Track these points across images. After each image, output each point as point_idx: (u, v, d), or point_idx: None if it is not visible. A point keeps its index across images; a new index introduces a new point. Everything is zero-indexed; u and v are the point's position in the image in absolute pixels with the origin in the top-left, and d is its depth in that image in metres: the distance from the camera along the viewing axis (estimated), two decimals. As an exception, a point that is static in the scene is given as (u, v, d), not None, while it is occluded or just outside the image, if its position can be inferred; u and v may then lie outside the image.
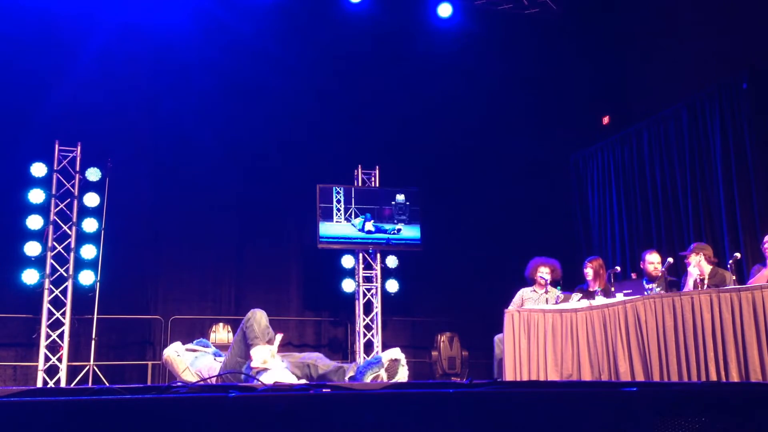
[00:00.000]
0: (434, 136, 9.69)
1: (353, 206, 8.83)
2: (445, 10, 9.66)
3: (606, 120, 9.78)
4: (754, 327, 4.90)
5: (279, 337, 4.51)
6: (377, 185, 9.31)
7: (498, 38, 9.81)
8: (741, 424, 2.59)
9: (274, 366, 4.28)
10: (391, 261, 9.09)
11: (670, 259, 6.18)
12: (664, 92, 8.58)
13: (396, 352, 4.51)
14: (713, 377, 5.01)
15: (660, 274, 6.29)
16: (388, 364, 4.42)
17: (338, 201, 8.79)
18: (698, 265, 6.02)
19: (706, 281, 5.96)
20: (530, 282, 6.97)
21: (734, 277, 5.78)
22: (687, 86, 8.13)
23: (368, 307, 9.02)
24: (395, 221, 8.91)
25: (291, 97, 9.26)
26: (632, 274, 7.55)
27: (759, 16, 7.24)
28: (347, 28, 9.36)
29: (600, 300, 6.12)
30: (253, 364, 4.27)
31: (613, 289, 6.17)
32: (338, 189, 8.85)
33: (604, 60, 9.57)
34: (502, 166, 9.78)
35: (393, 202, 8.95)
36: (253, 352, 4.30)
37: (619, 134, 9.15)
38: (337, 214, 8.77)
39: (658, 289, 6.13)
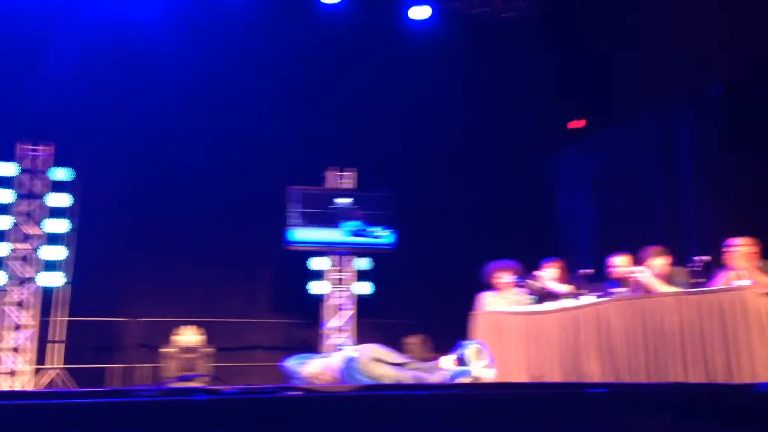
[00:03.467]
0: (410, 138, 9.67)
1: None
2: (421, 13, 9.68)
3: (580, 124, 9.86)
4: (718, 329, 4.97)
5: None
6: (355, 187, 9.29)
7: (474, 41, 9.83)
8: (707, 423, 2.64)
9: None
10: (364, 263, 9.08)
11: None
12: (638, 98, 8.66)
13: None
14: (679, 378, 5.07)
15: (625, 277, 6.34)
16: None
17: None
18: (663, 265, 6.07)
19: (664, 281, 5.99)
20: (491, 287, 7.02)
21: (689, 274, 5.86)
22: (662, 93, 8.22)
23: (339, 309, 8.99)
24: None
25: (266, 97, 9.19)
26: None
27: (733, 28, 7.37)
28: (324, 28, 9.32)
29: (569, 302, 6.17)
30: None
31: (583, 291, 6.22)
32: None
33: (579, 64, 9.64)
34: (477, 168, 9.81)
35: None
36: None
37: (594, 138, 9.22)
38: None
39: (623, 291, 6.19)
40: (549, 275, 6.69)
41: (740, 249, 5.63)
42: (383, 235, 8.99)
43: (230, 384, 6.73)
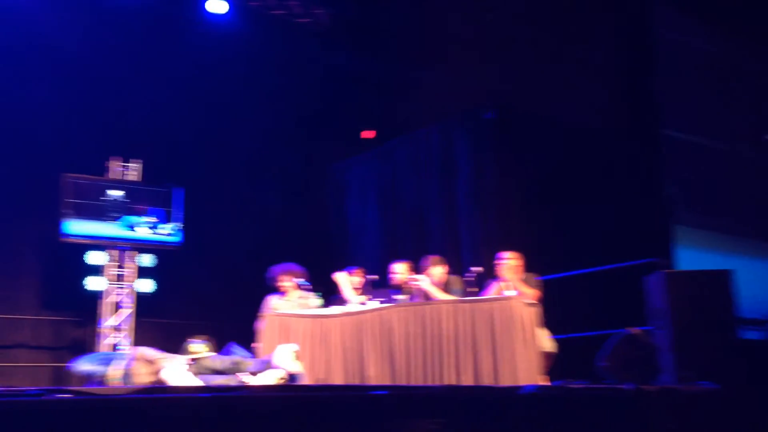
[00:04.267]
0: (205, 134, 9.42)
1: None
2: (219, 7, 9.47)
3: (368, 134, 10.21)
4: (487, 335, 5.41)
5: None
6: (144, 180, 8.83)
7: (271, 43, 9.82)
8: (475, 422, 2.86)
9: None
10: (147, 259, 8.67)
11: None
12: (420, 113, 9.17)
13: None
14: (451, 381, 5.43)
15: (406, 284, 6.66)
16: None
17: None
18: (441, 274, 6.46)
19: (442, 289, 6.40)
20: (276, 290, 7.09)
21: (464, 283, 6.30)
22: (441, 111, 8.78)
23: (118, 307, 8.49)
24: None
25: (46, 79, 8.49)
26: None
27: (506, 59, 8.17)
28: (121, 12, 8.82)
29: (354, 307, 6.35)
30: None
31: (367, 297, 6.44)
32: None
33: (368, 77, 9.99)
34: (270, 170, 9.81)
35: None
36: None
37: (379, 149, 9.59)
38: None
39: (405, 297, 6.49)
40: (348, 282, 6.84)
41: (507, 262, 6.16)
42: (169, 232, 8.66)
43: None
